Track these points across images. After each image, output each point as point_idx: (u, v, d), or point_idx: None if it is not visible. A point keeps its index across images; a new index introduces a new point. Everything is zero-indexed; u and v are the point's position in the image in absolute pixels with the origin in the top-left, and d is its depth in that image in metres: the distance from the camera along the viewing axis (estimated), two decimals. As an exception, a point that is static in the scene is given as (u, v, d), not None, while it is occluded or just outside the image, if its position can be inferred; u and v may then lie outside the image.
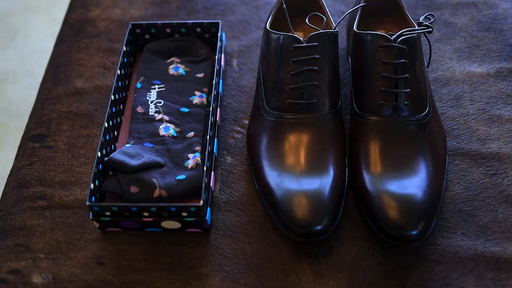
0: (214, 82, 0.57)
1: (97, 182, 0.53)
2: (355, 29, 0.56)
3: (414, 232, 0.47)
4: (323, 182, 0.50)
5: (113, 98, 0.58)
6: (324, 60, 0.54)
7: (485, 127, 0.60)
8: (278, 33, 0.55)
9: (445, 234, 0.52)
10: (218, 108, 0.60)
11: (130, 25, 0.65)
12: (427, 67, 0.59)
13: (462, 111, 0.61)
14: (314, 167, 0.51)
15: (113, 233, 0.54)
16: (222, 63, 0.65)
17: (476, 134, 0.59)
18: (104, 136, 0.55)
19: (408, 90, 0.52)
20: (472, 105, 0.62)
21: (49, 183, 0.58)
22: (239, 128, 0.62)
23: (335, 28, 0.55)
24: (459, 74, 0.65)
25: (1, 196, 0.60)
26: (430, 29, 0.54)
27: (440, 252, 0.51)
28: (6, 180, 0.64)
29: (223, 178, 0.57)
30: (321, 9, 0.61)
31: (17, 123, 1.21)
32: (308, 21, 0.61)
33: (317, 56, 0.53)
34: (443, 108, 0.62)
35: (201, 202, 0.49)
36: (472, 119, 0.60)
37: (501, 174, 0.56)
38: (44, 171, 0.59)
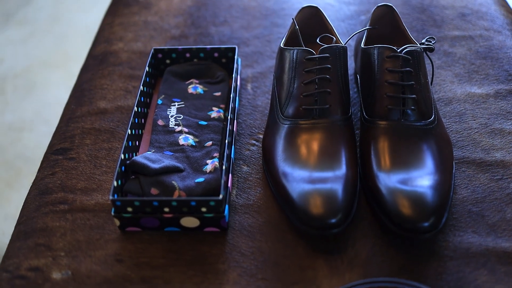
0: (231, 96, 0.61)
1: (119, 182, 0.55)
2: (362, 45, 0.61)
3: (426, 224, 0.49)
4: (337, 180, 0.52)
5: (136, 110, 0.62)
6: (335, 70, 0.58)
7: (488, 139, 0.63)
8: (292, 48, 0.60)
9: (456, 233, 0.53)
10: (235, 120, 0.64)
11: (152, 50, 0.70)
12: (431, 84, 0.63)
13: (465, 125, 0.65)
14: (327, 166, 0.54)
15: (133, 233, 0.55)
16: (238, 82, 0.69)
17: (480, 145, 0.62)
18: (127, 141, 0.58)
19: (414, 96, 0.56)
20: (474, 120, 0.65)
21: (71, 190, 0.60)
22: (254, 142, 0.65)
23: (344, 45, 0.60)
24: (461, 95, 0.69)
25: (23, 204, 0.62)
26: (432, 47, 0.59)
27: (452, 248, 0.52)
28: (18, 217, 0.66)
29: (239, 185, 0.60)
30: (331, 32, 0.67)
31: (31, 167, 1.24)
32: (319, 41, 0.66)
33: (329, 66, 0.58)
34: (447, 124, 0.65)
35: (221, 196, 0.51)
36: (475, 132, 0.64)
37: (506, 179, 0.58)
38: (66, 179, 0.62)
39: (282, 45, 0.63)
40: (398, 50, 0.57)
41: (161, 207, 0.52)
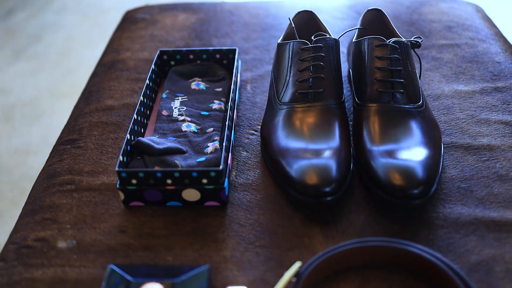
0: (231, 88, 0.65)
1: (125, 159, 0.58)
2: (354, 40, 0.66)
3: (416, 191, 0.51)
4: (331, 153, 0.55)
5: (142, 99, 0.66)
6: (328, 59, 0.62)
7: (475, 127, 0.66)
8: (288, 41, 0.64)
9: (446, 205, 0.56)
10: (235, 109, 0.67)
11: (158, 51, 0.75)
12: (419, 78, 0.68)
13: (453, 116, 0.68)
14: (322, 139, 0.57)
15: (136, 208, 0.58)
16: (238, 79, 0.74)
17: (467, 132, 0.65)
18: (133, 125, 0.62)
19: (402, 80, 0.60)
20: (461, 112, 0.69)
21: (78, 173, 0.63)
22: (252, 131, 0.68)
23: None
24: (448, 92, 0.73)
25: (32, 188, 0.64)
26: (418, 42, 0.64)
27: (443, 218, 0.54)
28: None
29: (239, 167, 0.63)
30: (325, 32, 0.72)
31: (35, 188, 1.26)
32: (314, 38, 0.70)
33: (322, 54, 0.62)
34: (436, 116, 0.69)
35: (221, 167, 0.54)
36: (462, 122, 0.67)
37: (493, 160, 0.61)
38: (73, 164, 0.65)
39: (279, 41, 0.68)
40: (387, 41, 0.62)
41: (164, 179, 0.55)
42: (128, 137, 0.60)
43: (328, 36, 0.65)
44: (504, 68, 0.77)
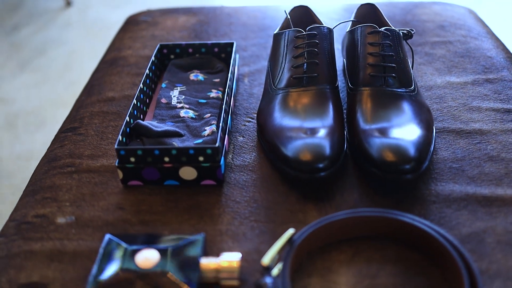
0: (229, 77, 0.67)
1: (124, 139, 0.60)
2: (347, 30, 0.68)
3: (407, 167, 0.53)
4: (324, 131, 0.57)
5: (141, 87, 0.67)
6: (322, 46, 0.64)
7: (467, 114, 0.68)
8: (284, 30, 0.66)
9: (438, 183, 0.57)
10: (232, 97, 0.69)
11: (158, 45, 0.77)
12: (411, 68, 0.69)
13: (445, 105, 0.70)
14: (316, 117, 0.58)
15: (134, 187, 0.59)
16: (236, 70, 0.75)
17: (459, 119, 0.67)
18: (133, 109, 0.63)
19: (394, 65, 0.62)
20: (454, 101, 0.70)
21: (78, 156, 0.65)
22: (249, 119, 0.70)
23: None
24: (441, 83, 0.74)
25: (33, 172, 0.66)
26: (410, 33, 0.66)
27: (435, 194, 0.55)
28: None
29: (235, 151, 0.64)
30: (319, 23, 0.74)
31: (36, 193, 1.27)
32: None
33: (316, 41, 0.64)
34: (428, 104, 0.70)
35: (217, 144, 0.56)
36: (454, 110, 0.69)
37: (484, 143, 0.62)
38: (74, 149, 0.66)
39: (275, 32, 0.70)
40: (379, 29, 0.64)
41: (162, 156, 0.56)
42: (128, 120, 0.61)
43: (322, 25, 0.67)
44: (496, 62, 0.79)
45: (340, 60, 0.81)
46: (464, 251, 0.45)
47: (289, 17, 0.71)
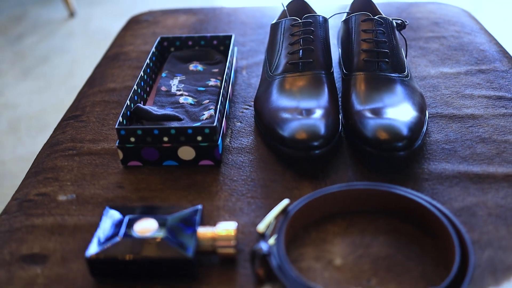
0: (227, 66, 0.69)
1: (124, 122, 0.61)
2: (342, 20, 0.70)
3: (400, 144, 0.54)
4: (320, 112, 0.58)
5: (142, 75, 0.69)
6: (317, 34, 0.66)
7: (460, 101, 0.69)
8: (280, 20, 0.68)
9: (431, 163, 0.58)
10: (230, 84, 0.71)
11: (159, 38, 0.79)
12: (405, 58, 0.71)
13: (439, 93, 0.71)
14: (312, 101, 0.60)
15: (134, 168, 0.60)
16: (234, 60, 0.77)
17: (452, 105, 0.68)
18: (133, 95, 0.65)
19: (387, 51, 0.64)
20: (447, 89, 0.72)
21: (80, 141, 0.66)
22: (247, 106, 0.71)
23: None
24: (434, 73, 0.76)
25: (36, 156, 0.67)
26: (404, 23, 0.68)
27: (427, 172, 0.57)
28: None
29: (233, 135, 0.65)
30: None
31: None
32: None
33: (312, 28, 0.66)
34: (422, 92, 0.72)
35: (215, 123, 0.57)
36: (448, 97, 0.70)
37: (476, 126, 0.64)
38: (76, 134, 0.68)
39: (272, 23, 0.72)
40: (373, 17, 0.66)
41: (161, 136, 0.58)
42: (128, 103, 0.63)
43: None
44: (488, 55, 0.80)
45: (335, 54, 0.83)
46: (455, 220, 0.47)
47: (285, 9, 0.73)
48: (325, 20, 0.68)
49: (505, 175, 0.56)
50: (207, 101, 0.68)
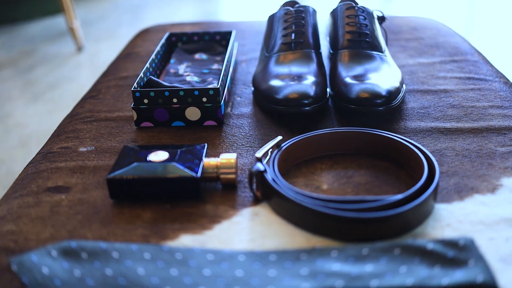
0: (228, 50, 0.79)
1: (138, 88, 0.70)
2: (330, 12, 0.80)
3: (379, 101, 0.62)
4: (309, 78, 0.67)
5: (153, 57, 0.78)
6: (307, 20, 0.76)
7: (434, 80, 0.78)
8: (276, 11, 0.79)
9: (407, 122, 0.66)
10: (231, 67, 0.80)
11: (168, 33, 0.89)
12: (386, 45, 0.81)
13: (416, 76, 0.80)
14: (302, 70, 0.69)
15: (146, 128, 0.68)
16: (235, 52, 0.87)
17: (427, 83, 0.77)
18: (146, 70, 0.74)
19: (368, 32, 0.73)
20: (423, 73, 0.81)
21: (96, 111, 0.74)
22: (246, 87, 0.80)
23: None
24: (413, 63, 0.86)
25: (57, 127, 0.75)
26: (384, 17, 0.78)
27: (403, 128, 0.65)
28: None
29: (234, 106, 0.74)
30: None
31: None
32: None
33: (303, 15, 0.76)
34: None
35: (218, 85, 0.66)
36: (423, 78, 0.79)
37: (448, 97, 0.72)
38: (93, 107, 0.76)
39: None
40: (355, 5, 0.76)
41: (171, 98, 0.66)
42: (142, 75, 0.71)
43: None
44: (461, 50, 0.90)
45: (323, 45, 0.93)
46: (426, 150, 0.54)
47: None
48: (314, 11, 0.78)
49: (472, 128, 0.64)
50: (211, 78, 0.77)
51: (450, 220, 0.48)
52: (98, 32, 2.78)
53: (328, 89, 0.71)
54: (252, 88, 0.77)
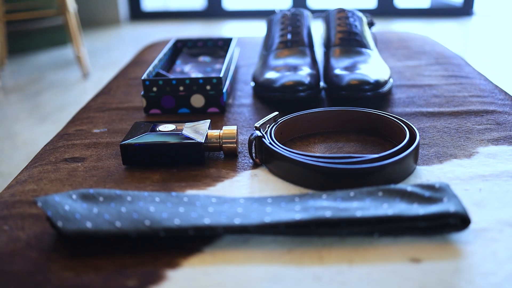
0: (230, 51, 0.86)
1: (150, 76, 0.76)
2: (323, 16, 0.88)
3: (367, 87, 0.69)
4: (304, 69, 0.74)
5: (161, 57, 0.85)
6: (302, 22, 0.83)
7: (420, 77, 0.85)
8: (274, 14, 0.86)
9: (394, 108, 0.72)
10: (232, 66, 0.86)
11: (174, 39, 0.96)
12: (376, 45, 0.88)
13: (403, 75, 0.87)
14: (297, 62, 0.75)
15: (154, 115, 0.74)
16: (236, 54, 0.94)
17: (413, 80, 0.84)
18: (154, 67, 0.80)
19: (358, 32, 0.81)
20: (409, 73, 0.88)
21: (109, 103, 0.81)
22: (247, 84, 0.86)
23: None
24: (401, 66, 0.92)
25: (72, 117, 0.81)
26: (373, 22, 0.86)
27: (389, 112, 0.71)
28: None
29: (235, 98, 0.80)
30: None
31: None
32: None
33: (298, 18, 0.83)
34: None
35: (221, 74, 0.72)
36: (410, 76, 0.86)
37: (432, 90, 0.79)
38: (105, 100, 0.82)
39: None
40: (345, 9, 0.84)
41: (178, 86, 0.72)
42: (151, 69, 0.78)
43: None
44: (446, 56, 0.97)
45: (318, 50, 1.00)
46: (409, 123, 0.60)
47: (277, 12, 0.91)
48: (309, 14, 0.86)
49: (452, 112, 0.70)
50: (214, 75, 0.83)
51: (429, 177, 0.53)
52: (104, 61, 2.88)
53: (321, 82, 0.78)
54: (252, 84, 0.83)
